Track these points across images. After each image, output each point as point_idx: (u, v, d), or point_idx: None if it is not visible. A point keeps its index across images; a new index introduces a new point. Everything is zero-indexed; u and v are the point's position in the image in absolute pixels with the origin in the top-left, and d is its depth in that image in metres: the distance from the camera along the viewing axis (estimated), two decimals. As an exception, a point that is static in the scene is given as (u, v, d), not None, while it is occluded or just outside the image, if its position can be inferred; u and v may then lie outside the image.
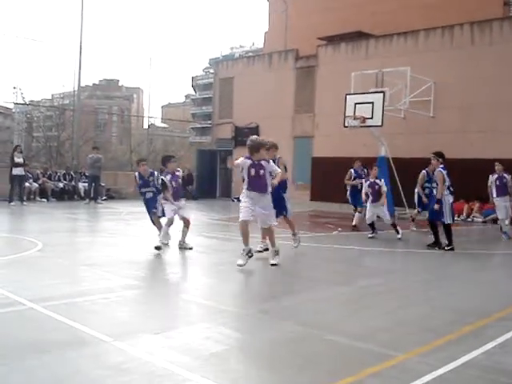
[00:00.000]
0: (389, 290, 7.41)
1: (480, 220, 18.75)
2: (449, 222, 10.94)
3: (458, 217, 18.91)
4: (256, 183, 8.68)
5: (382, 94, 19.11)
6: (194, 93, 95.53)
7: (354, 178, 15.41)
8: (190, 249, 10.17)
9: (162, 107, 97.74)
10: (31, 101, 60.11)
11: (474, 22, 20.69)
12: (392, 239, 12.77)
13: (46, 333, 5.04)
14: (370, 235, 12.87)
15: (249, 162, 8.71)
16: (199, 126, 77.41)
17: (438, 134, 20.26)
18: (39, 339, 4.83)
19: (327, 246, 11.05)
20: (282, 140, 25.87)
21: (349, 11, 26.98)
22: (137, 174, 10.84)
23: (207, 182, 28.81)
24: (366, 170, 15.27)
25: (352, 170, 15.66)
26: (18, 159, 19.76)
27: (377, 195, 13.01)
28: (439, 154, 11.63)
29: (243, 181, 8.85)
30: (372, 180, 13.34)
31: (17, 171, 19.47)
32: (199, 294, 6.96)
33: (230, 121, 28.88)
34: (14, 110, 72.84)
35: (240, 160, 8.76)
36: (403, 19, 24.04)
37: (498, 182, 13.92)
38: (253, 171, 8.70)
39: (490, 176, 14.14)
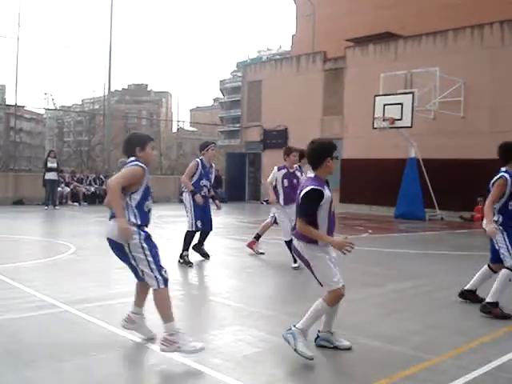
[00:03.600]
0: (421, 293, 7.36)
1: None
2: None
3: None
4: None
5: (411, 95, 19.03)
6: (222, 96, 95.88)
7: None
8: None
9: (191, 111, 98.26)
10: (62, 106, 60.99)
11: (504, 20, 20.42)
12: (423, 241, 12.66)
13: (81, 335, 5.12)
14: None
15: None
16: (227, 129, 77.71)
17: (469, 135, 20.05)
18: (74, 341, 4.91)
19: (357, 248, 10.96)
20: (310, 142, 25.98)
21: (376, 13, 26.87)
22: None
23: (236, 185, 28.90)
24: None
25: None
26: (52, 164, 20.04)
27: None
28: None
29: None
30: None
31: (49, 176, 19.75)
32: (230, 296, 6.99)
33: (258, 124, 28.95)
34: (45, 116, 73.99)
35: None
36: (431, 19, 23.86)
37: (286, 183, 9.41)
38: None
39: (275, 170, 9.77)
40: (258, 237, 10.61)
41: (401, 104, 18.95)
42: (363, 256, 10.66)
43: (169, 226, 15.29)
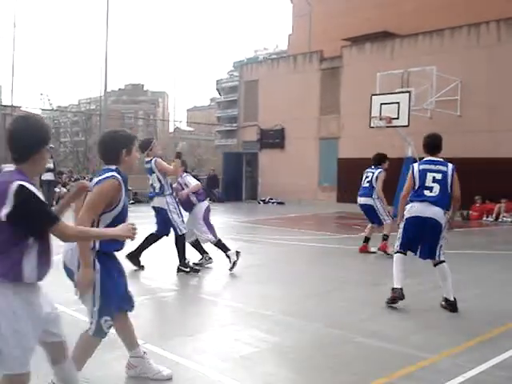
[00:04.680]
0: (418, 292, 7.37)
1: (509, 220, 18.50)
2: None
3: (487, 217, 18.70)
4: None
5: (407, 94, 19.00)
6: (218, 96, 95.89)
7: None
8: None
9: (188, 110, 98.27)
10: (58, 107, 60.83)
11: (500, 19, 20.44)
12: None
13: (77, 336, 5.10)
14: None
15: None
16: (224, 128, 77.72)
17: (466, 134, 20.06)
18: (71, 342, 4.89)
19: (355, 247, 11.00)
20: (307, 141, 26.00)
21: (373, 12, 26.85)
22: None
23: (233, 185, 28.87)
24: None
25: None
26: (48, 164, 20.00)
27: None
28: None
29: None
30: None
31: (46, 176, 19.71)
32: (228, 296, 7.00)
33: (255, 123, 28.92)
34: (41, 116, 73.80)
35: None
36: (428, 18, 23.85)
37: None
38: None
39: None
40: (386, 238, 10.51)
41: (397, 103, 18.93)
42: (360, 255, 10.66)
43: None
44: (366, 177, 10.75)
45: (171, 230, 8.39)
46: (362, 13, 27.27)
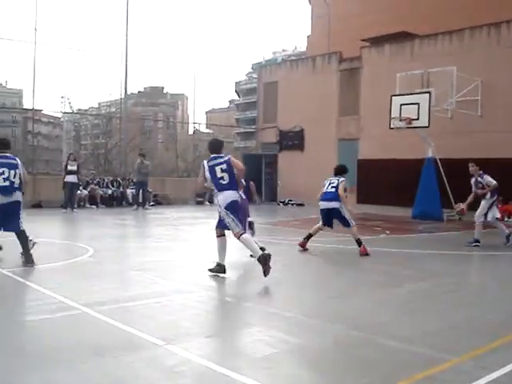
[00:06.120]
0: (439, 293, 7.32)
1: (531, 221, 18.29)
2: None
3: (509, 218, 18.52)
4: None
5: (427, 95, 18.90)
6: (237, 98, 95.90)
7: None
8: None
9: (207, 113, 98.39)
10: (79, 110, 61.37)
11: (520, 18, 20.26)
12: (441, 241, 12.54)
13: (100, 337, 5.15)
14: None
15: None
16: (243, 130, 77.76)
17: (487, 134, 19.89)
18: (94, 343, 4.93)
19: (375, 249, 10.95)
20: (326, 143, 25.94)
21: (392, 12, 26.75)
22: None
23: (253, 187, 28.82)
24: None
25: None
26: (72, 167, 20.22)
27: None
28: None
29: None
30: None
31: (69, 178, 19.92)
32: (249, 297, 6.99)
33: (274, 125, 28.93)
34: (62, 119, 74.53)
35: None
36: (448, 18, 23.69)
37: None
38: None
39: None
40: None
41: (417, 104, 18.82)
42: (381, 257, 10.62)
43: (185, 228, 15.33)
44: (331, 183, 11.82)
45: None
46: (380, 13, 27.18)
